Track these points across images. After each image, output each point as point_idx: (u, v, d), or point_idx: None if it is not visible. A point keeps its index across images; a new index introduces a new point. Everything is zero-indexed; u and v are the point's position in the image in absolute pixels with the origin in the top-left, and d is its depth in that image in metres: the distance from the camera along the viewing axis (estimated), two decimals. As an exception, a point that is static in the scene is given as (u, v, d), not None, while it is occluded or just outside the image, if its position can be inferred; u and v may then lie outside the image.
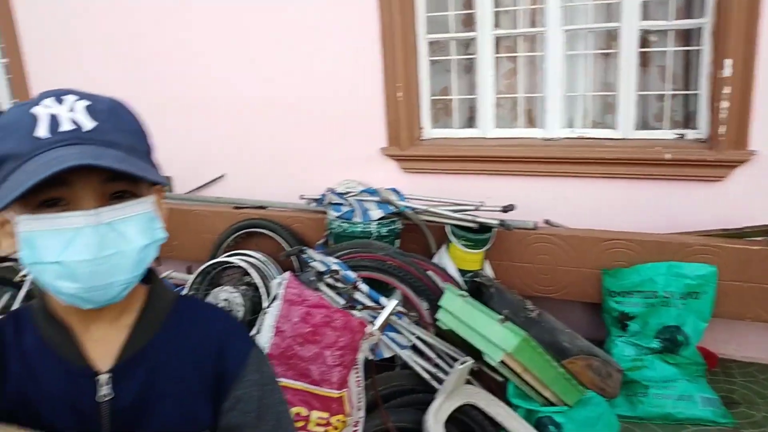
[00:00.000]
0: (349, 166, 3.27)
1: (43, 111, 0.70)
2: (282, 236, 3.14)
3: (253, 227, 3.24)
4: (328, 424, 1.82)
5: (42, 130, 0.69)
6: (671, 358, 2.48)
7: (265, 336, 1.88)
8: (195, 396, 0.82)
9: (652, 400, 2.47)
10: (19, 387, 0.78)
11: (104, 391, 0.78)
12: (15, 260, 3.27)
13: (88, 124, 0.71)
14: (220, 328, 0.86)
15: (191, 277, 3.01)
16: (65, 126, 0.70)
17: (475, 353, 2.22)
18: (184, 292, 2.91)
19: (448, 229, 2.71)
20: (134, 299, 0.82)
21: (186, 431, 0.81)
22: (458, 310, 2.18)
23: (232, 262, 3.02)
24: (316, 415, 1.81)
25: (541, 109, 3.07)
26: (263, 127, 3.47)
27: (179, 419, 0.81)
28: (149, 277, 0.85)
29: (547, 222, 2.94)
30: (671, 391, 2.47)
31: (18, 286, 3.09)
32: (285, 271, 2.97)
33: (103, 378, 0.78)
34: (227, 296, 2.85)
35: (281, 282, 1.95)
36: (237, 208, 3.38)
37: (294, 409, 1.81)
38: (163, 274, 3.31)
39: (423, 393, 2.21)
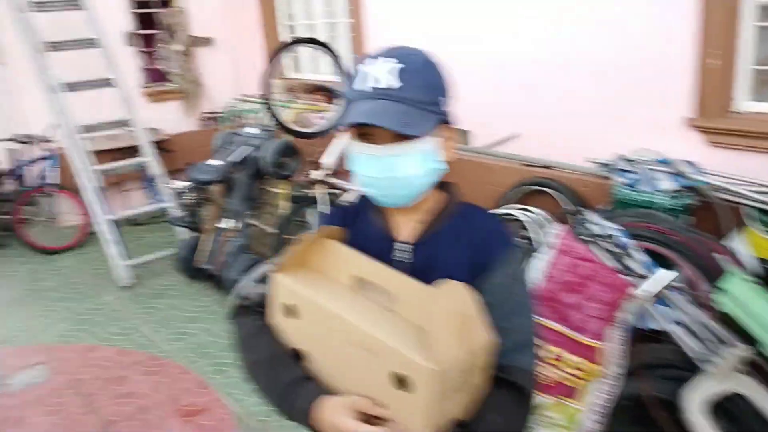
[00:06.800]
0: (645, 133, 3.16)
1: (362, 68, 1.03)
2: (565, 196, 3.24)
3: (538, 185, 3.40)
4: (579, 369, 1.94)
5: (358, 84, 1.02)
6: None
7: (531, 278, 2.07)
8: (463, 271, 1.07)
9: None
10: (354, 240, 1.14)
11: (400, 255, 1.11)
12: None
13: (384, 81, 0.99)
14: (488, 228, 1.13)
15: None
16: (370, 82, 1.00)
17: (751, 342, 2.06)
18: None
19: (746, 211, 2.49)
20: (429, 203, 1.14)
21: None
22: (742, 296, 2.04)
23: (513, 215, 3.24)
24: (569, 357, 1.95)
25: None
26: (558, 87, 3.56)
27: None
28: (447, 189, 1.16)
29: None
30: None
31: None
32: (562, 230, 3.09)
33: (399, 245, 1.12)
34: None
35: (557, 233, 2.10)
36: (525, 165, 3.56)
37: (551, 348, 1.97)
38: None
39: (685, 370, 2.16)
